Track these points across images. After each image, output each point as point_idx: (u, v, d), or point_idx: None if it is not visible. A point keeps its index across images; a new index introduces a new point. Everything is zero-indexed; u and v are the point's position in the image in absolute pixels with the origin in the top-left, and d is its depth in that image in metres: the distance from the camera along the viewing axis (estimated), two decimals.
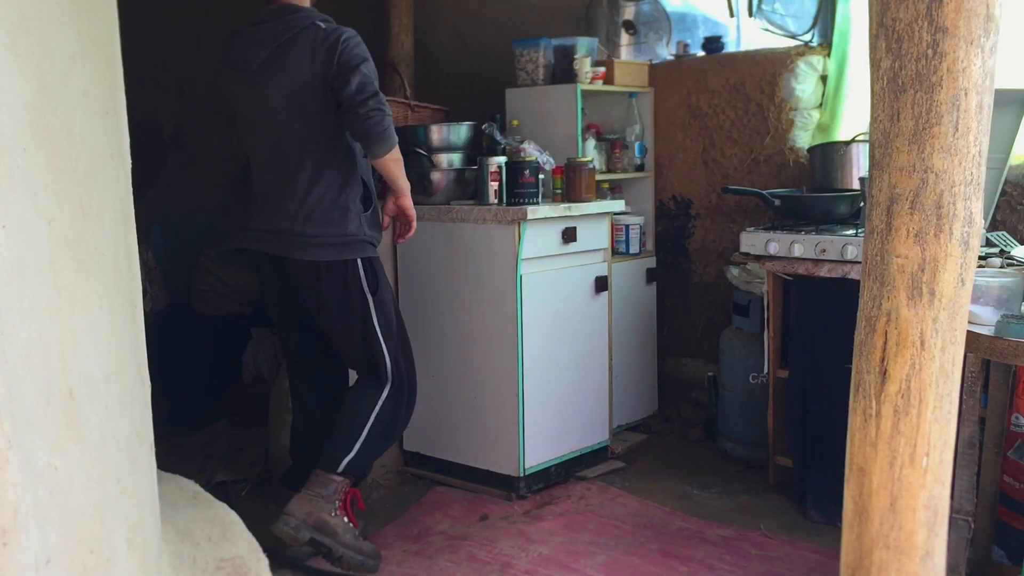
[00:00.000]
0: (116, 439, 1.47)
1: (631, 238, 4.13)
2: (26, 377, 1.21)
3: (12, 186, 1.19)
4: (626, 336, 4.06)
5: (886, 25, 1.41)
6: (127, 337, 1.57)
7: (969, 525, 2.38)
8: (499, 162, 3.47)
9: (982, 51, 1.37)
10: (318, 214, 2.82)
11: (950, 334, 1.44)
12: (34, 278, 1.24)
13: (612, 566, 2.92)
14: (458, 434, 3.60)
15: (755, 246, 3.36)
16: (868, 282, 1.48)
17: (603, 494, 3.50)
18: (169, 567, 1.74)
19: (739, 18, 4.21)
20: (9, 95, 1.20)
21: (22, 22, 1.23)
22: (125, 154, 1.64)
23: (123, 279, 1.57)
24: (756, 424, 3.63)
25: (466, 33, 4.83)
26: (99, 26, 1.51)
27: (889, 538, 1.48)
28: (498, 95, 4.10)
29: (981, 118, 1.40)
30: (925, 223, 1.41)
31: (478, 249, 3.46)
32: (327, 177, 2.83)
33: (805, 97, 3.92)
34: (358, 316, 2.93)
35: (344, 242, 2.86)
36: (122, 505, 1.48)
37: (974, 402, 2.39)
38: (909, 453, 1.45)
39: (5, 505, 1.12)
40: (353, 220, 2.85)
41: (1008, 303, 2.33)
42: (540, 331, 3.47)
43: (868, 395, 1.48)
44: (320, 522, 2.82)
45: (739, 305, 3.73)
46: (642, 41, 4.32)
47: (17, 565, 1.14)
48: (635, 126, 4.20)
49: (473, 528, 3.24)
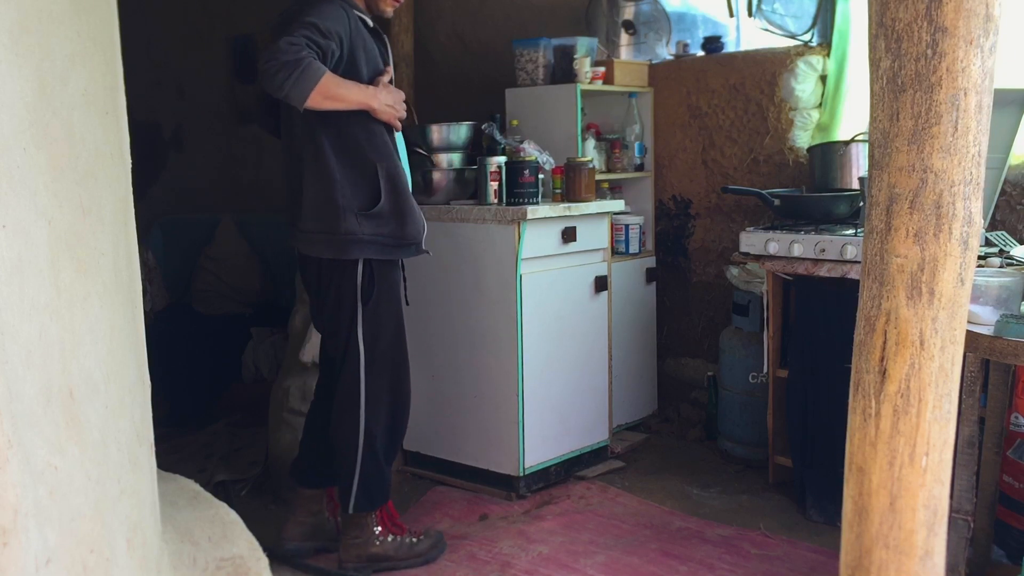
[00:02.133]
0: (116, 439, 1.47)
1: (631, 238, 4.14)
2: (26, 377, 1.21)
3: (12, 186, 1.20)
4: (626, 336, 4.07)
5: (885, 25, 1.41)
6: (127, 337, 1.57)
7: (969, 525, 2.38)
8: (499, 162, 3.48)
9: (981, 51, 1.37)
10: (311, 210, 2.77)
11: (949, 334, 1.44)
12: (34, 278, 1.24)
13: (612, 566, 2.92)
14: (458, 434, 3.60)
15: (755, 246, 3.36)
16: (867, 282, 1.48)
17: (603, 494, 3.50)
18: (169, 567, 1.74)
19: (739, 18, 4.21)
20: (9, 95, 1.20)
21: (22, 22, 1.23)
22: (125, 154, 1.64)
23: (123, 279, 1.57)
24: (756, 424, 3.63)
25: (466, 33, 4.83)
26: (99, 26, 1.51)
27: (889, 538, 1.48)
28: (498, 95, 4.11)
29: (980, 118, 1.40)
30: (924, 223, 1.41)
31: (478, 249, 3.46)
32: (320, 172, 2.75)
33: (805, 97, 3.92)
34: (345, 322, 2.82)
35: (339, 241, 2.76)
36: (122, 505, 1.48)
37: (973, 402, 2.39)
38: (909, 453, 1.45)
39: (5, 505, 1.12)
40: (347, 218, 2.74)
41: (1007, 303, 2.33)
42: (540, 331, 3.48)
43: (868, 395, 1.48)
44: (372, 556, 2.91)
45: (739, 305, 3.73)
46: (642, 41, 4.32)
47: (17, 565, 1.15)
48: (635, 126, 4.20)
49: (473, 527, 3.24)
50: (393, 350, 2.89)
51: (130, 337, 1.60)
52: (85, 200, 1.39)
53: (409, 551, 2.94)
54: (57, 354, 1.29)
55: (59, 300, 1.30)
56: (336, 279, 2.81)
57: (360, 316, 2.81)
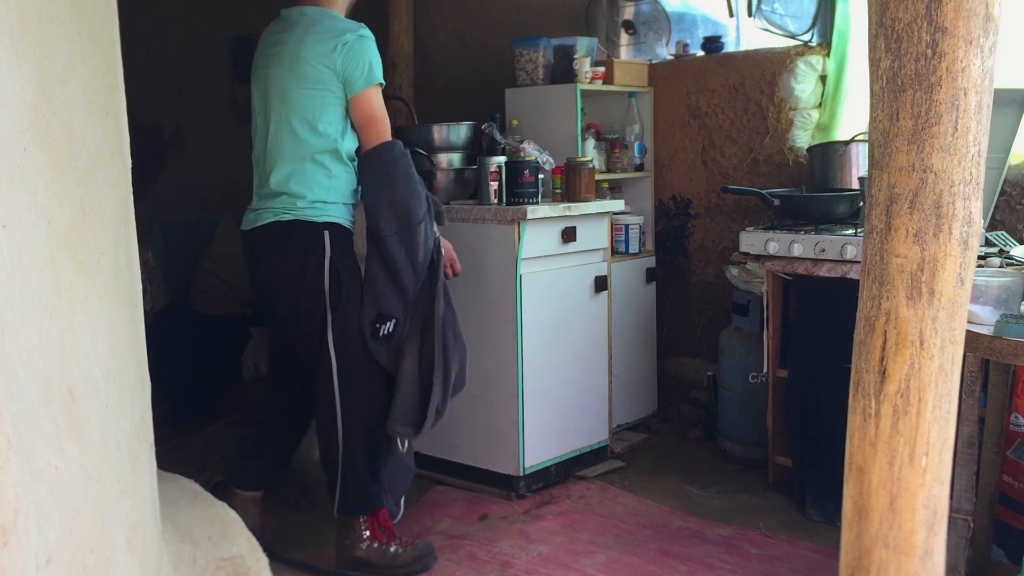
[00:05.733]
0: (116, 439, 1.47)
1: (631, 238, 4.14)
2: (26, 377, 1.21)
3: (12, 186, 1.20)
4: (626, 336, 4.07)
5: (885, 25, 1.41)
6: (127, 337, 1.57)
7: (968, 524, 2.38)
8: (499, 162, 3.47)
9: (981, 51, 1.37)
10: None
11: (949, 334, 1.44)
12: (34, 278, 1.24)
13: (612, 565, 2.92)
14: (458, 433, 3.60)
15: (754, 246, 3.36)
16: (867, 282, 1.48)
17: (603, 493, 3.50)
18: (169, 566, 1.74)
19: (738, 18, 4.21)
20: (9, 95, 1.20)
21: (22, 22, 1.23)
22: (125, 154, 1.64)
23: (123, 279, 1.57)
24: (755, 424, 3.63)
25: (466, 33, 4.83)
26: (99, 26, 1.51)
27: (888, 537, 1.48)
28: (498, 95, 4.10)
29: (980, 118, 1.40)
30: (924, 223, 1.41)
31: (478, 249, 3.46)
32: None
33: (804, 97, 3.92)
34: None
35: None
36: (122, 504, 1.48)
37: (973, 401, 2.39)
38: (908, 452, 1.46)
39: (5, 505, 1.12)
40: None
41: (1007, 303, 2.33)
42: (540, 331, 3.48)
43: (867, 394, 1.48)
44: (356, 560, 2.90)
45: (739, 305, 3.73)
46: (642, 41, 4.32)
47: (17, 564, 1.15)
48: (635, 126, 4.20)
49: (473, 527, 3.24)
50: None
51: (130, 337, 1.59)
52: (85, 200, 1.39)
53: (391, 561, 2.89)
54: (57, 354, 1.29)
55: (59, 300, 1.30)
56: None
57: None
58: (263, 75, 2.84)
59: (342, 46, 2.72)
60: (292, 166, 2.77)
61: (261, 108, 2.84)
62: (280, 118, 2.78)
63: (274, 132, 2.80)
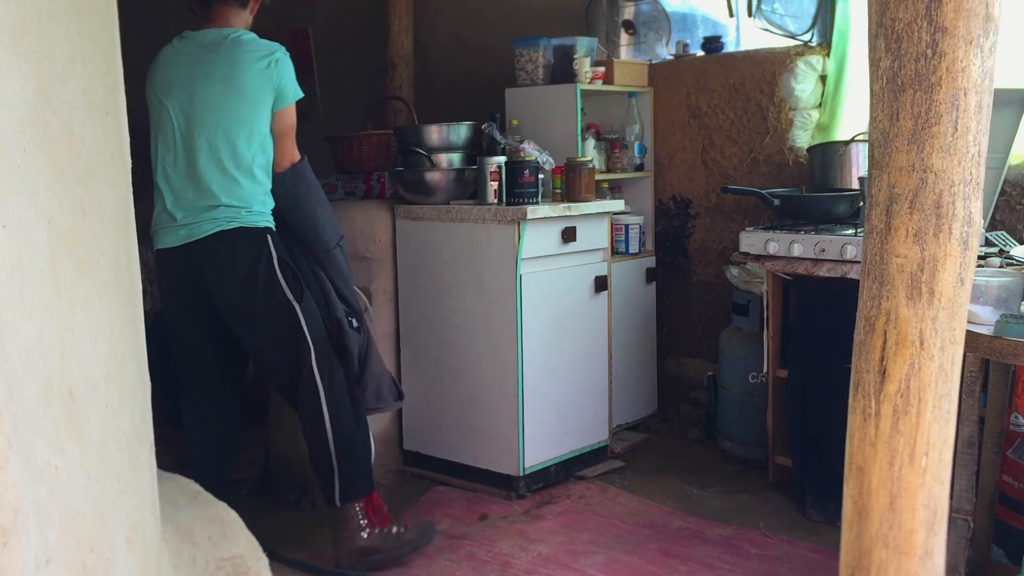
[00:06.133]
0: (116, 438, 1.47)
1: (631, 238, 4.14)
2: (26, 377, 1.21)
3: (12, 186, 1.19)
4: (626, 336, 4.07)
5: (885, 25, 1.41)
6: (127, 337, 1.57)
7: (968, 524, 2.38)
8: (499, 162, 3.48)
9: (981, 51, 1.37)
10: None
11: (949, 334, 1.44)
12: (34, 278, 1.24)
13: (611, 565, 2.92)
14: (458, 434, 3.60)
15: (754, 246, 3.36)
16: (867, 282, 1.48)
17: (603, 493, 3.50)
18: (169, 566, 1.74)
19: (738, 18, 4.21)
20: (9, 95, 1.20)
21: (22, 22, 1.23)
22: (125, 154, 1.64)
23: (123, 279, 1.57)
24: (755, 424, 3.64)
25: (466, 33, 4.83)
26: (99, 26, 1.51)
27: (888, 537, 1.48)
28: (498, 95, 4.10)
29: (980, 118, 1.40)
30: (924, 223, 1.41)
31: (478, 249, 3.46)
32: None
33: (804, 97, 3.92)
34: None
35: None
36: (122, 504, 1.48)
37: (973, 401, 2.39)
38: (908, 452, 1.46)
39: (5, 505, 1.12)
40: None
41: (1007, 303, 2.33)
42: (540, 331, 3.48)
43: (867, 394, 1.48)
44: (361, 550, 2.92)
45: (738, 305, 3.73)
46: (642, 41, 4.32)
47: (17, 564, 1.15)
48: (635, 126, 4.20)
49: (473, 527, 3.24)
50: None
51: (130, 337, 1.59)
52: (85, 200, 1.39)
53: (396, 541, 2.94)
54: (57, 354, 1.29)
55: (59, 300, 1.30)
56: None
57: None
58: (185, 93, 2.86)
59: (275, 63, 2.86)
60: (231, 177, 2.85)
61: (180, 124, 2.86)
62: (216, 132, 2.83)
63: (207, 146, 2.83)
